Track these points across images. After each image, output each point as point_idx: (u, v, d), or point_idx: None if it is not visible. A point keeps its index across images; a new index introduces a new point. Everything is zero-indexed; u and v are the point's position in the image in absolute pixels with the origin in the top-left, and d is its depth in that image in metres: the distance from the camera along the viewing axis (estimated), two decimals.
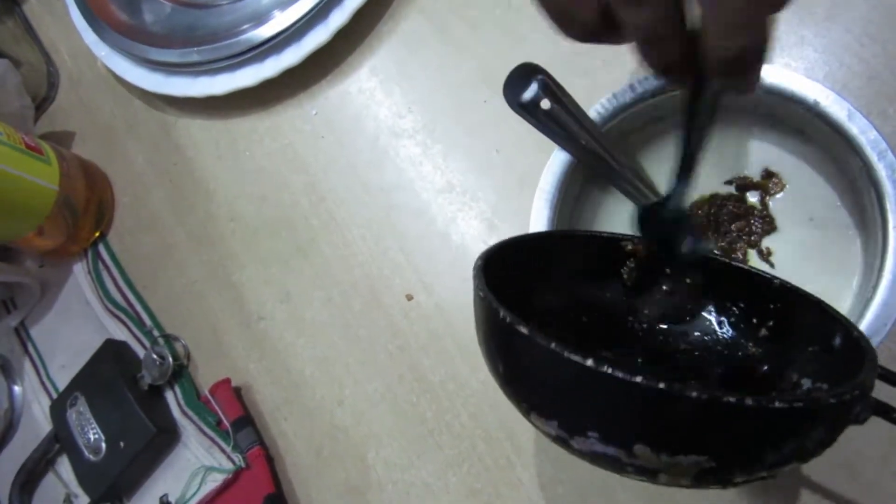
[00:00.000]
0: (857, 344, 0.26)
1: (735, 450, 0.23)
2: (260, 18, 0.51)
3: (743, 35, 0.23)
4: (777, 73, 0.34)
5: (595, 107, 0.36)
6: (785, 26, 0.43)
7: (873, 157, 0.31)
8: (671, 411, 0.22)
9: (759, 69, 0.25)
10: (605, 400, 0.23)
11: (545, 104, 0.34)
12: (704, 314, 0.34)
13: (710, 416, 0.22)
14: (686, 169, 0.30)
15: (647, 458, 0.23)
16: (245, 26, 0.52)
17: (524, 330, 0.24)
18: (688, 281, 0.34)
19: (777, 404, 0.22)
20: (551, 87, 0.34)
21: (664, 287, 0.35)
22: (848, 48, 0.41)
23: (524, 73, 0.34)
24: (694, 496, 0.39)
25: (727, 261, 0.34)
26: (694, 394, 0.21)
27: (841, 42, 0.41)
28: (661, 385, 0.22)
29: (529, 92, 0.34)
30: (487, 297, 0.26)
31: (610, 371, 0.22)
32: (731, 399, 0.21)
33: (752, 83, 0.25)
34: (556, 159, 0.37)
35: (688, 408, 0.22)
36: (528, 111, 0.34)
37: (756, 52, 0.23)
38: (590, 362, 0.22)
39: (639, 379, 0.22)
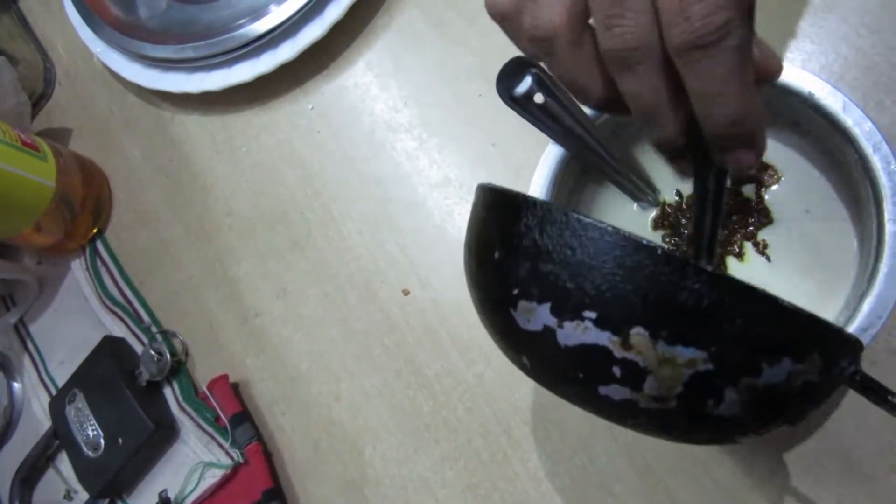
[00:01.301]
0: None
1: (736, 352, 0.22)
2: (255, 14, 0.51)
3: (729, 104, 0.22)
4: None
5: None
6: (781, 17, 0.42)
7: (868, 148, 0.31)
8: (683, 289, 0.21)
9: (755, 144, 0.24)
10: (612, 270, 0.22)
11: (539, 98, 0.34)
12: None
13: (720, 303, 0.21)
14: (706, 248, 0.28)
15: (641, 348, 0.21)
16: (240, 21, 0.52)
17: (534, 198, 0.23)
18: None
19: (786, 303, 0.21)
20: (545, 80, 0.34)
21: None
22: (845, 39, 0.41)
23: (517, 67, 0.33)
24: (690, 488, 0.39)
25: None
26: (709, 269, 0.21)
27: (838, 33, 0.41)
28: (678, 255, 0.21)
29: (523, 86, 0.34)
30: (488, 185, 0.26)
31: (625, 234, 0.21)
32: (745, 283, 0.21)
33: (749, 160, 0.24)
34: (551, 153, 0.37)
35: (700, 288, 0.21)
36: (522, 105, 0.34)
37: (747, 123, 0.23)
38: (601, 223, 0.21)
39: (656, 245, 0.21)
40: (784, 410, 0.24)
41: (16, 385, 0.58)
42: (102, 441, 0.50)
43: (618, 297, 0.22)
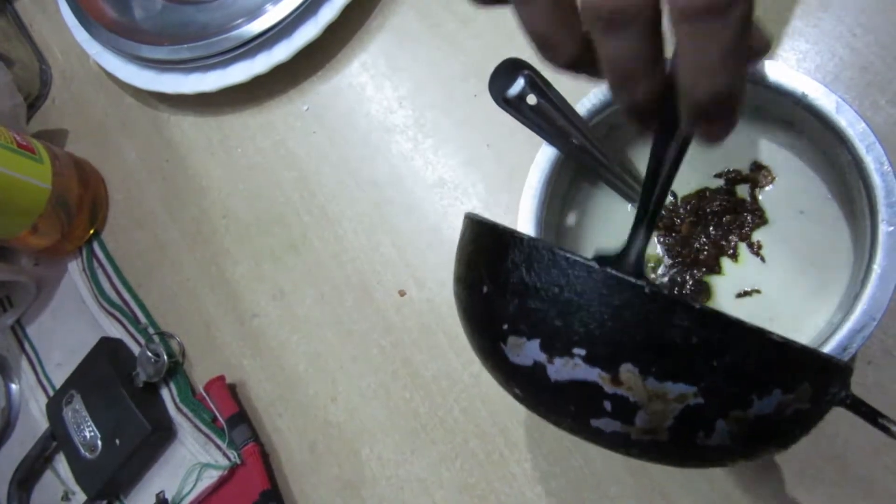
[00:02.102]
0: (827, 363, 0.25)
1: (726, 386, 0.22)
2: (250, 15, 0.51)
3: (721, 77, 0.21)
4: (765, 64, 0.33)
5: (582, 101, 0.36)
6: (777, 17, 0.42)
7: (861, 149, 0.31)
8: (671, 326, 0.21)
9: (732, 120, 0.23)
10: (600, 309, 0.22)
11: (531, 99, 0.34)
12: None
13: (709, 339, 0.21)
14: (647, 221, 0.28)
15: (631, 384, 0.21)
16: (235, 22, 0.52)
17: (521, 234, 0.23)
18: None
19: (776, 337, 0.21)
20: (537, 82, 0.34)
21: None
22: (840, 38, 0.41)
23: (510, 68, 0.33)
24: (685, 490, 0.39)
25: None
26: (698, 306, 0.21)
27: (833, 32, 0.41)
28: (665, 293, 0.21)
29: (515, 87, 0.34)
30: (475, 216, 0.26)
31: (612, 273, 0.21)
32: (733, 318, 0.21)
33: (721, 134, 0.24)
34: (544, 154, 0.37)
35: (689, 325, 0.21)
36: (514, 106, 0.34)
37: (731, 98, 0.22)
38: (590, 262, 0.21)
39: (643, 284, 0.21)
40: (774, 438, 0.24)
41: (13, 386, 0.58)
42: (100, 442, 0.50)
43: (607, 334, 0.22)
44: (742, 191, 0.38)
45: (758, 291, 0.37)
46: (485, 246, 0.26)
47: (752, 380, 0.22)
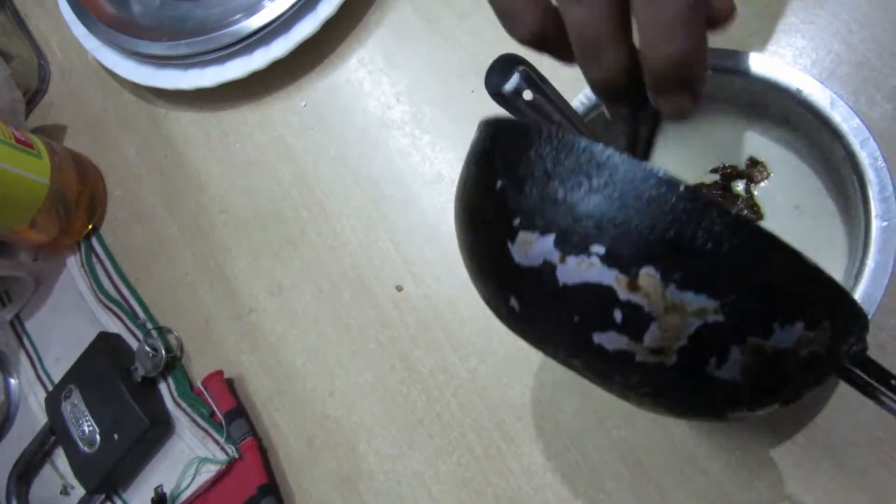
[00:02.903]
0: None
1: (750, 306, 0.20)
2: (248, 10, 0.51)
3: (677, 42, 0.21)
4: (760, 60, 0.33)
5: (578, 97, 0.36)
6: (773, 13, 0.42)
7: (856, 144, 0.31)
8: (703, 230, 0.19)
9: (694, 91, 0.23)
10: (629, 204, 0.20)
11: (527, 95, 0.34)
12: None
13: (741, 249, 0.19)
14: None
15: (650, 290, 0.20)
16: (233, 18, 0.52)
17: (552, 127, 0.22)
18: None
19: (809, 261, 0.20)
20: (533, 77, 0.34)
21: None
22: (836, 34, 0.41)
23: (505, 64, 0.33)
24: (680, 484, 0.40)
25: None
26: (734, 211, 0.19)
27: (829, 28, 0.41)
28: (703, 193, 0.19)
29: (511, 83, 0.34)
30: (495, 118, 0.25)
31: (646, 165, 0.19)
32: (769, 232, 0.19)
33: (685, 108, 0.23)
34: None
35: (722, 231, 0.19)
36: (510, 102, 0.34)
37: (690, 65, 0.22)
38: (622, 153, 0.20)
39: (681, 181, 0.19)
40: (784, 384, 0.22)
41: (12, 381, 0.58)
42: (98, 437, 0.50)
43: (631, 232, 0.20)
44: (737, 186, 0.38)
45: None
46: (505, 143, 0.24)
47: (778, 304, 0.20)
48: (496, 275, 0.24)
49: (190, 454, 0.49)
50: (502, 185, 0.23)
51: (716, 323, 0.20)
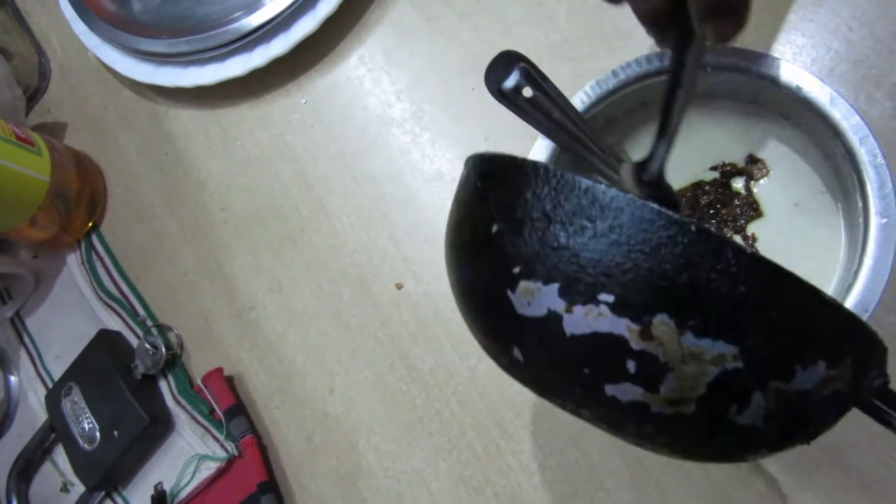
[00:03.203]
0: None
1: (771, 349, 0.19)
2: (248, 8, 0.51)
3: None
4: (760, 58, 0.33)
5: (578, 94, 0.36)
6: (773, 10, 0.42)
7: (855, 141, 0.31)
8: (718, 273, 0.18)
9: (740, 14, 0.24)
10: (637, 248, 0.19)
11: (527, 92, 0.34)
12: None
13: (759, 290, 0.18)
14: (668, 129, 0.28)
15: (664, 339, 0.18)
16: (233, 16, 0.52)
17: (548, 165, 0.21)
18: None
19: (828, 297, 0.19)
20: (533, 74, 0.34)
21: None
22: (836, 32, 0.41)
23: (505, 61, 0.34)
24: (680, 483, 0.40)
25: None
26: (749, 250, 0.18)
27: (829, 26, 0.41)
28: (715, 233, 0.18)
29: (511, 80, 0.34)
30: (485, 154, 0.23)
31: (655, 207, 0.18)
32: (787, 270, 0.18)
33: (729, 31, 0.25)
34: (540, 147, 0.37)
35: (738, 272, 0.18)
36: (510, 99, 0.34)
37: None
38: (627, 194, 0.18)
39: (690, 220, 0.18)
40: (806, 424, 0.22)
41: (12, 379, 0.58)
42: (98, 434, 0.50)
43: (642, 278, 0.19)
44: (737, 183, 0.38)
45: None
46: (498, 182, 0.23)
47: (799, 344, 0.19)
48: (496, 324, 0.23)
49: (190, 451, 0.50)
50: (498, 230, 0.22)
51: (735, 370, 0.19)
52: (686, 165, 0.38)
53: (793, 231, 0.36)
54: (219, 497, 0.48)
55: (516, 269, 0.21)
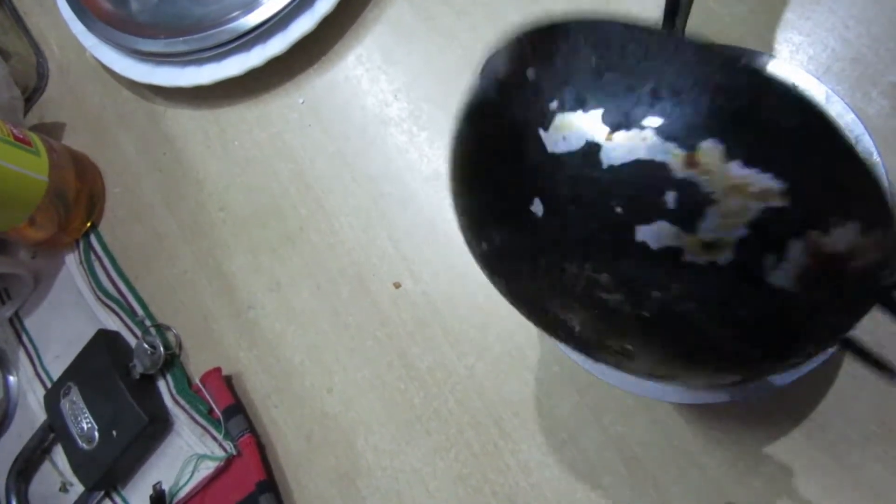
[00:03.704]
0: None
1: (815, 191, 0.18)
2: (246, 7, 0.51)
3: None
4: (756, 56, 0.33)
5: None
6: (769, 8, 0.42)
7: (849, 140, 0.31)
8: (773, 103, 0.18)
9: None
10: (691, 73, 0.18)
11: None
12: None
13: (813, 130, 0.18)
14: (682, 17, 0.26)
15: (711, 164, 0.17)
16: (231, 15, 0.52)
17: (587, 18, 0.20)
18: None
19: (867, 162, 0.18)
20: None
21: None
22: (832, 30, 0.41)
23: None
24: (677, 481, 0.40)
25: None
26: (799, 91, 0.17)
27: (825, 24, 0.41)
28: (764, 73, 0.17)
29: None
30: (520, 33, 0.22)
31: (704, 43, 0.18)
32: (832, 118, 0.18)
33: None
34: None
35: (793, 107, 0.17)
36: None
37: None
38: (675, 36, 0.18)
39: (741, 54, 0.18)
40: (835, 304, 0.20)
41: (11, 379, 0.58)
42: (97, 434, 0.50)
43: (692, 101, 0.18)
44: None
45: None
46: (537, 41, 0.21)
47: (840, 195, 0.18)
48: (516, 175, 0.21)
49: (188, 451, 0.50)
50: (535, 74, 0.20)
51: (780, 209, 0.18)
52: None
53: None
54: (218, 496, 0.48)
55: (553, 104, 0.20)
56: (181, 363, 0.53)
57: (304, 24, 0.51)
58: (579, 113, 0.19)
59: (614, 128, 0.18)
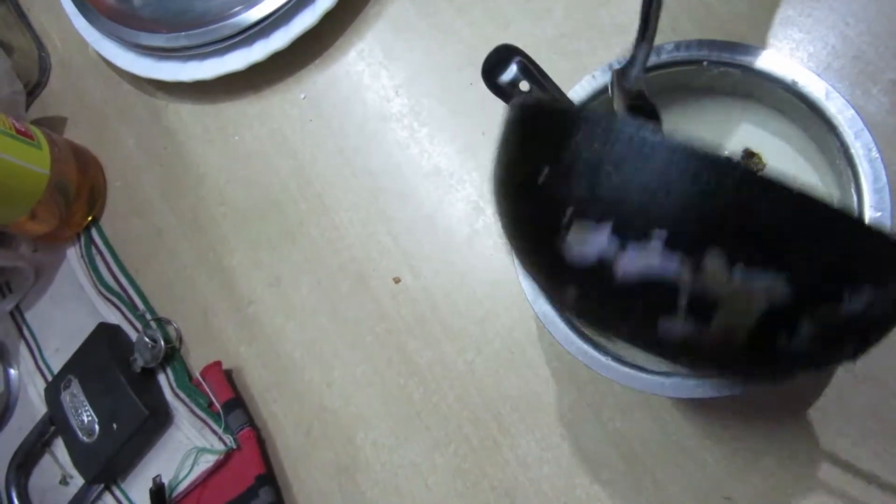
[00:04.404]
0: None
1: (819, 277, 0.19)
2: (248, 2, 0.51)
3: None
4: (757, 52, 0.33)
5: (575, 88, 0.36)
6: (770, 5, 0.42)
7: (850, 136, 0.31)
8: (765, 207, 0.19)
9: None
10: (685, 189, 0.19)
11: (524, 86, 0.34)
12: None
13: (806, 223, 0.19)
14: (647, 31, 0.28)
15: (717, 272, 0.19)
16: (233, 10, 0.52)
17: (587, 110, 0.22)
18: None
19: (874, 225, 0.21)
20: (530, 68, 0.34)
21: None
22: (833, 27, 0.41)
23: (502, 55, 0.34)
24: (675, 475, 0.40)
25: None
26: (796, 188, 0.18)
27: (826, 21, 0.41)
28: (762, 174, 0.19)
29: (508, 74, 0.34)
30: (526, 102, 0.24)
31: (700, 150, 0.19)
32: (833, 205, 0.19)
33: None
34: None
35: (784, 207, 0.19)
36: (507, 93, 0.34)
37: None
38: (674, 140, 0.19)
39: (736, 163, 0.19)
40: (854, 344, 0.22)
41: (12, 372, 0.59)
42: (97, 427, 0.50)
43: (693, 214, 0.19)
44: None
45: None
46: (543, 129, 0.23)
47: (847, 270, 0.20)
48: (549, 267, 0.23)
49: (188, 444, 0.50)
50: (548, 176, 0.22)
51: (785, 298, 0.19)
52: None
53: None
54: (217, 490, 0.48)
55: (568, 212, 0.21)
56: (181, 357, 0.53)
57: (306, 20, 0.51)
58: (590, 224, 0.21)
59: (624, 239, 0.20)
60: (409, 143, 0.50)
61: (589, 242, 0.21)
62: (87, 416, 0.51)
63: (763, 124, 0.37)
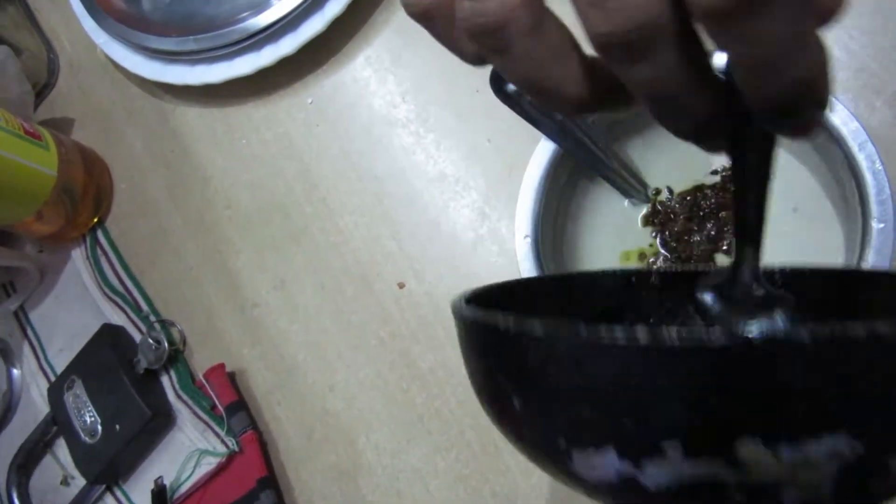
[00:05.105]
0: None
1: (880, 419, 0.16)
2: (257, 7, 0.52)
3: (797, 64, 0.16)
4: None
5: None
6: None
7: (854, 147, 0.31)
8: (797, 372, 0.15)
9: (821, 104, 0.18)
10: (682, 385, 0.16)
11: None
12: None
13: (838, 371, 0.15)
14: (751, 236, 0.22)
15: (759, 462, 0.16)
16: (242, 15, 0.52)
17: (539, 328, 0.17)
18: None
19: None
20: None
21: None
22: (837, 40, 0.41)
23: None
24: None
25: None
26: (807, 336, 0.14)
27: (830, 35, 0.42)
28: (757, 337, 0.15)
29: None
30: (464, 310, 0.21)
31: (677, 335, 0.15)
32: (860, 330, 0.14)
33: (812, 125, 0.18)
34: (543, 149, 0.37)
35: (806, 361, 0.15)
36: (514, 101, 0.34)
37: (812, 84, 0.17)
38: (642, 334, 0.15)
39: (723, 337, 0.15)
40: None
41: (15, 371, 0.59)
42: (100, 427, 0.50)
43: (701, 410, 0.16)
44: None
45: None
46: (492, 347, 0.20)
47: None
48: (576, 485, 0.19)
49: (190, 446, 0.50)
50: (521, 406, 0.19)
51: (857, 451, 0.16)
52: (688, 169, 0.39)
53: (792, 237, 0.37)
54: (218, 492, 0.48)
55: (561, 442, 0.18)
56: (185, 359, 0.53)
57: (314, 25, 0.51)
58: (591, 450, 0.17)
59: (636, 460, 0.17)
60: (414, 148, 0.51)
61: (598, 467, 0.17)
62: (90, 416, 0.51)
63: None
